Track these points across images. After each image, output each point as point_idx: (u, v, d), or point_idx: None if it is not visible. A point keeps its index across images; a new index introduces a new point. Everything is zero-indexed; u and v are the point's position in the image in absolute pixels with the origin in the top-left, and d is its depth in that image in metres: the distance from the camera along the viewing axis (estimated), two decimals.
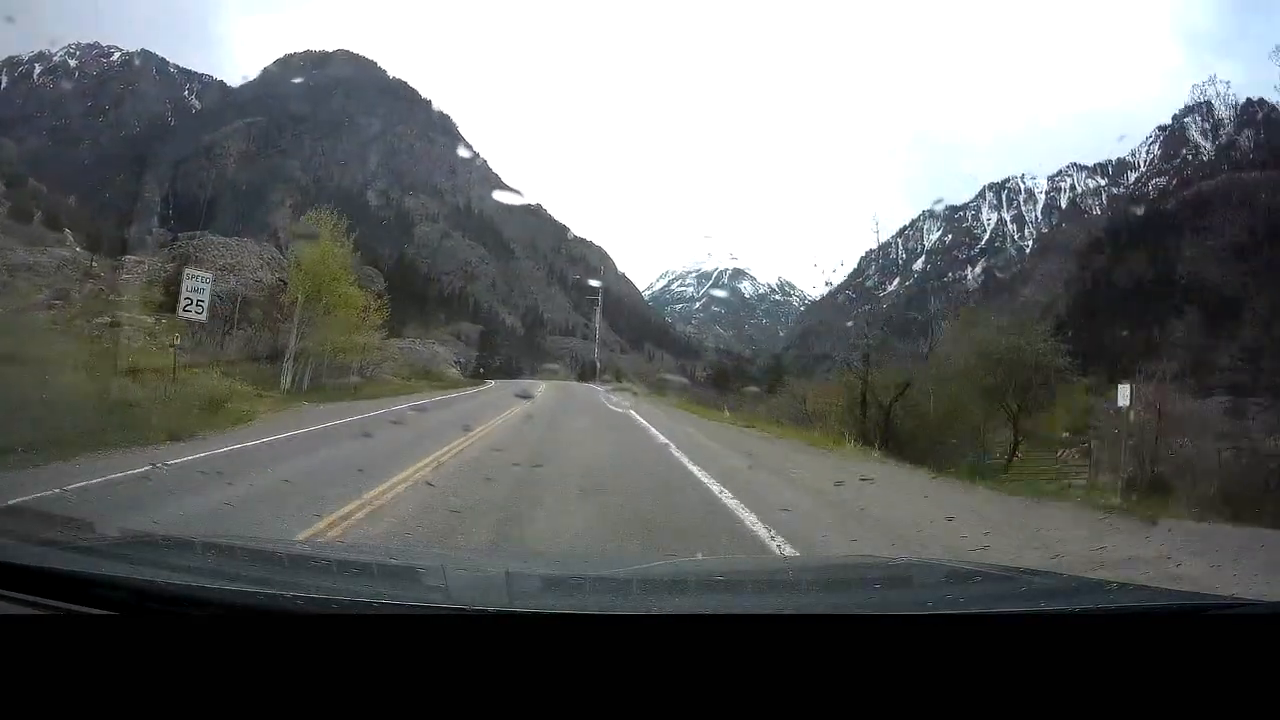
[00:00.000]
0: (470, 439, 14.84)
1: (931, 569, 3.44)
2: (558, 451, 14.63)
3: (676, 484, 11.30)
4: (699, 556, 5.79)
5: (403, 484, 9.45)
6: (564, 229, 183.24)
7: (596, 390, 52.89)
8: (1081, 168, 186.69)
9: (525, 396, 32.21)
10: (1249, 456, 28.08)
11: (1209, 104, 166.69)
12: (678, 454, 15.08)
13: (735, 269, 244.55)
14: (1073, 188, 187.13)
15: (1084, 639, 1.79)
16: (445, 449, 12.97)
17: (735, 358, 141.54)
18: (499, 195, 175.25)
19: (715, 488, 10.72)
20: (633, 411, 28.80)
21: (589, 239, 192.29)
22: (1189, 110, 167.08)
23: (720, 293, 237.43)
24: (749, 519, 8.50)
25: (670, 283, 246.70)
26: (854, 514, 9.57)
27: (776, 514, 8.77)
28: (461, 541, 6.94)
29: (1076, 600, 2.50)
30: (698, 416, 29.80)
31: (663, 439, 18.18)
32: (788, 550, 7.20)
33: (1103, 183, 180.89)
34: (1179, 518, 10.80)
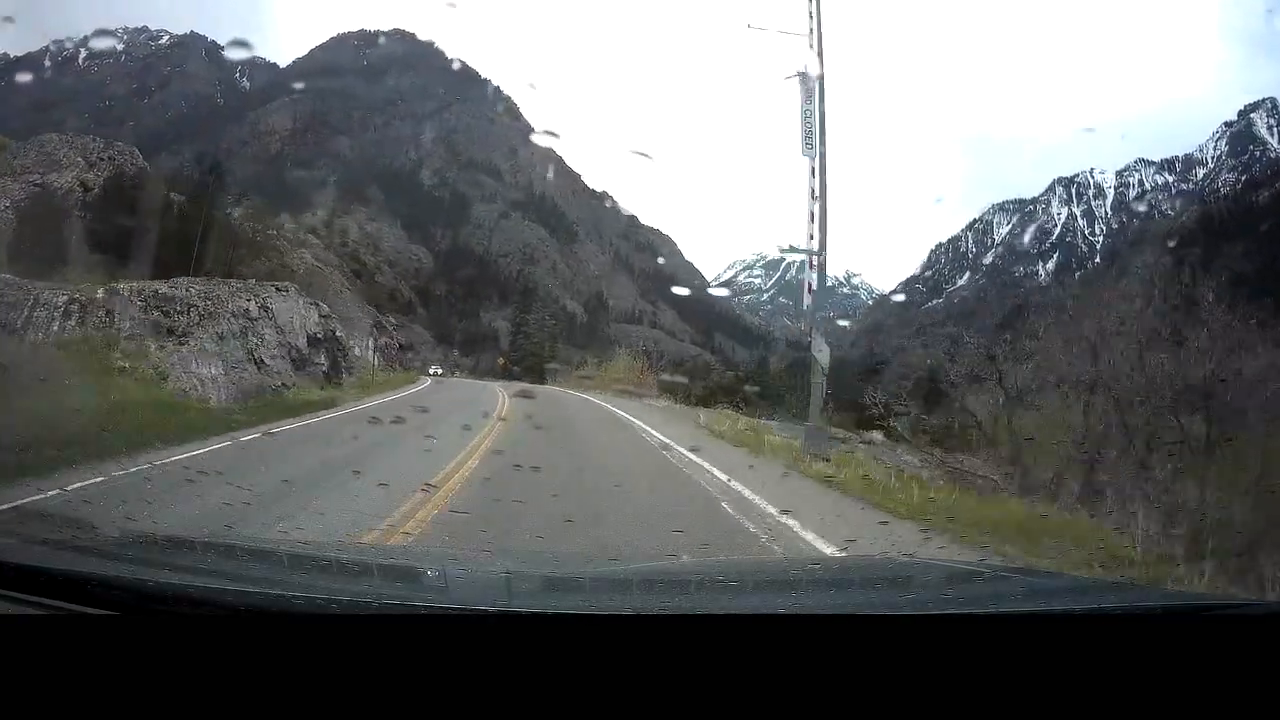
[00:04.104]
0: None
1: (931, 569, 3.43)
2: None
3: None
4: (685, 558, 5.74)
5: None
6: (631, 215, 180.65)
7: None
8: (1149, 163, 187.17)
9: None
10: None
11: (1274, 99, 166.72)
12: None
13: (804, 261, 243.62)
14: (1141, 183, 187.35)
15: (1084, 639, 1.79)
16: None
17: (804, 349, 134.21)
18: (562, 178, 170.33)
19: None
20: None
21: (657, 227, 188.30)
22: (1254, 106, 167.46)
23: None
24: None
25: (738, 273, 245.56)
26: None
27: None
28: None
29: (1076, 600, 2.51)
30: None
31: None
32: None
33: (1170, 179, 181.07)
34: None
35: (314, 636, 1.67)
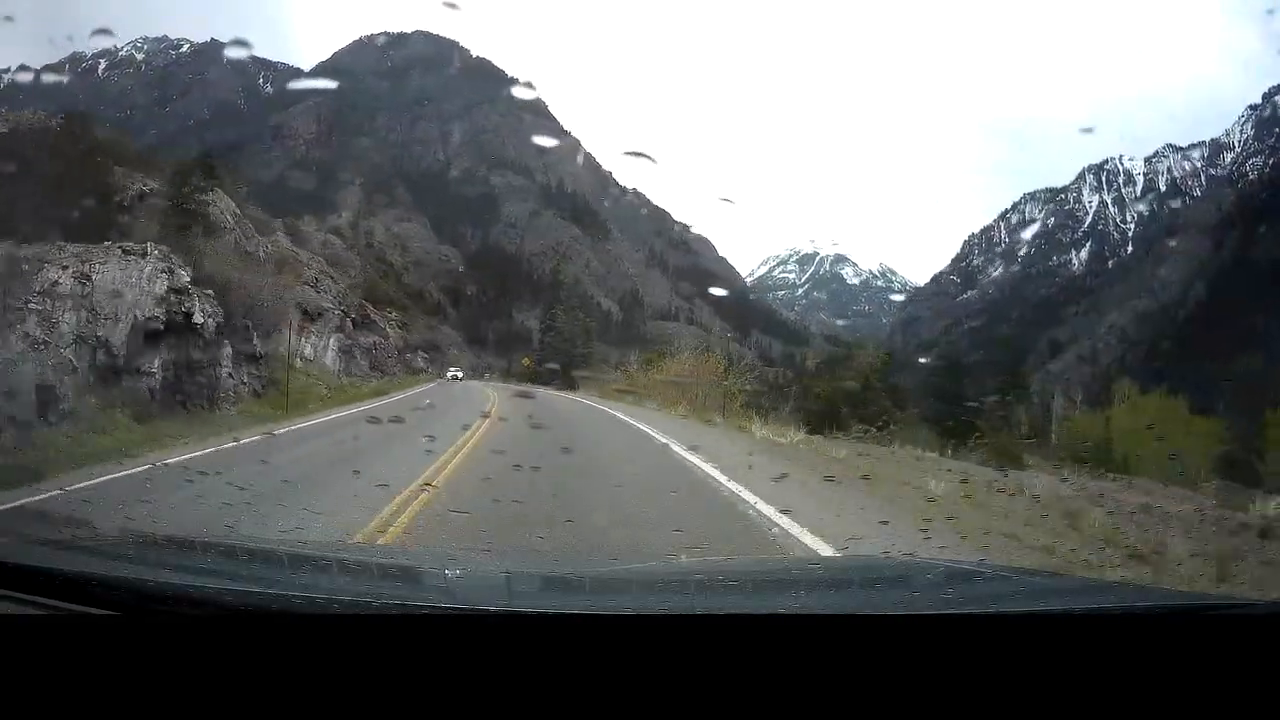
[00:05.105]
0: None
1: (931, 569, 3.41)
2: None
3: None
4: (684, 558, 5.72)
5: None
6: (663, 211, 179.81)
7: None
8: (1177, 149, 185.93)
9: None
10: None
11: None
12: None
13: (837, 255, 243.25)
14: (1169, 170, 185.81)
15: (1083, 639, 1.79)
16: None
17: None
18: (593, 175, 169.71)
19: None
20: None
21: (688, 223, 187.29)
22: (1278, 89, 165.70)
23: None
24: None
25: (772, 269, 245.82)
26: None
27: None
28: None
29: (1076, 600, 2.51)
30: None
31: None
32: None
33: (1199, 164, 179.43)
34: None
35: (314, 636, 1.68)
